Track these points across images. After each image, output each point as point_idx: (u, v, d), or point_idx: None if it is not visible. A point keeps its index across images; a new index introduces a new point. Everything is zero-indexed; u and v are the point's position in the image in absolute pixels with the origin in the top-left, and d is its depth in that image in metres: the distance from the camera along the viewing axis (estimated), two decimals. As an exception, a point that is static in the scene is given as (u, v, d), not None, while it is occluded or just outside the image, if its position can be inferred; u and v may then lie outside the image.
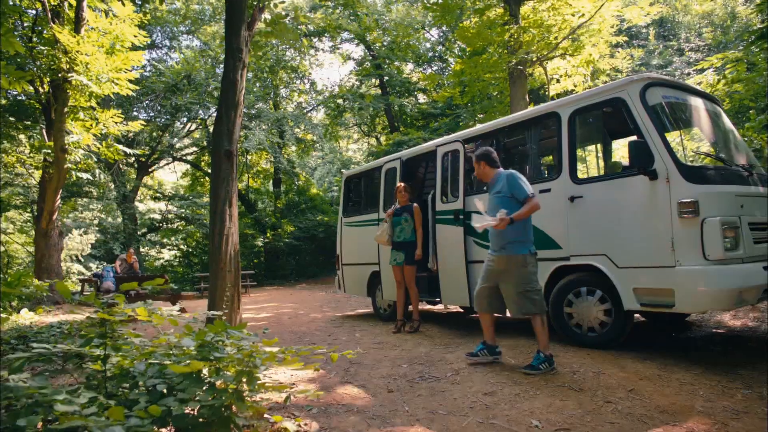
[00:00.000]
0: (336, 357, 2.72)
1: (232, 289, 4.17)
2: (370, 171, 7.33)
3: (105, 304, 2.39)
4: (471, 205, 5.28)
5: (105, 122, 11.99)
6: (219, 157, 4.31)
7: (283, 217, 23.59)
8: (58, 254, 12.68)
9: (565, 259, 4.39)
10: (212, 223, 4.24)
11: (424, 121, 21.29)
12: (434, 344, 4.88)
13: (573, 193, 4.32)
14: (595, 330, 4.22)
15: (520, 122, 5.08)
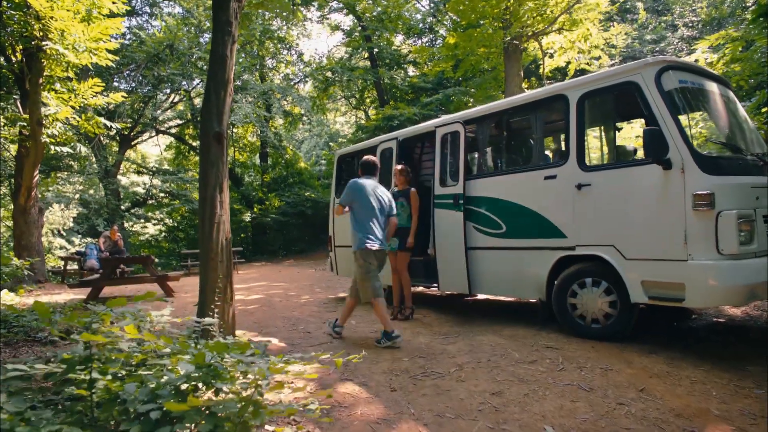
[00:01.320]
0: (340, 363, 2.55)
1: (224, 280, 3.96)
2: (364, 150, 7.07)
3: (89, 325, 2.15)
4: (473, 189, 5.11)
5: (84, 94, 11.43)
6: (208, 139, 4.03)
7: (270, 191, 23.21)
8: (38, 231, 12.28)
9: (570, 248, 4.26)
10: (202, 211, 4.00)
11: (414, 95, 20.86)
12: (433, 333, 4.77)
13: (580, 180, 4.16)
14: (600, 322, 4.13)
15: (525, 104, 4.86)
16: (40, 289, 11.29)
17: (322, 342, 4.54)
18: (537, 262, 4.54)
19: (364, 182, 4.53)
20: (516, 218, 4.72)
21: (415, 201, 5.45)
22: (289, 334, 4.89)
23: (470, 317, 5.42)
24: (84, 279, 7.89)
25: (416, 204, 5.45)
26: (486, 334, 4.59)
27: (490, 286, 5.04)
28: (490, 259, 4.97)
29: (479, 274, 5.09)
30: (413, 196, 5.47)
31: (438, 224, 5.47)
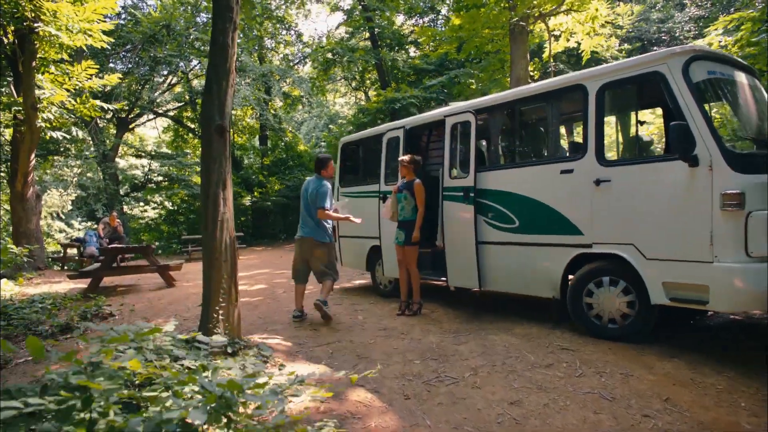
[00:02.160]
0: (355, 379, 2.42)
1: (228, 280, 3.82)
2: (369, 138, 6.87)
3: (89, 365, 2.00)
4: (484, 182, 4.93)
5: (78, 76, 11.13)
6: (209, 133, 3.84)
7: (270, 174, 22.98)
8: (36, 218, 12.12)
9: (587, 246, 4.11)
10: (204, 208, 3.83)
11: (415, 77, 20.46)
12: (443, 331, 4.65)
13: (599, 176, 3.98)
14: (617, 322, 4.00)
15: (540, 94, 4.64)
16: (39, 276, 11.18)
17: (330, 341, 4.42)
18: (551, 259, 4.39)
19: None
20: (529, 213, 4.56)
21: (419, 193, 5.23)
22: (295, 332, 4.77)
23: (480, 312, 5.30)
24: (83, 270, 7.75)
25: (421, 196, 5.22)
26: (498, 332, 4.47)
27: (501, 282, 4.91)
28: (502, 254, 4.82)
29: (490, 269, 4.95)
30: (417, 188, 5.23)
31: (447, 217, 5.30)
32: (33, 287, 9.08)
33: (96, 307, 6.72)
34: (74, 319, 6.39)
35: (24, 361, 5.40)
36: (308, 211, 5.30)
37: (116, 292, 8.41)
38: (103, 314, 6.64)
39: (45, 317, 6.50)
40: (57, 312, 7.04)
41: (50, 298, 7.51)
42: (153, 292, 7.96)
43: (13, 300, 7.68)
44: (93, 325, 2.57)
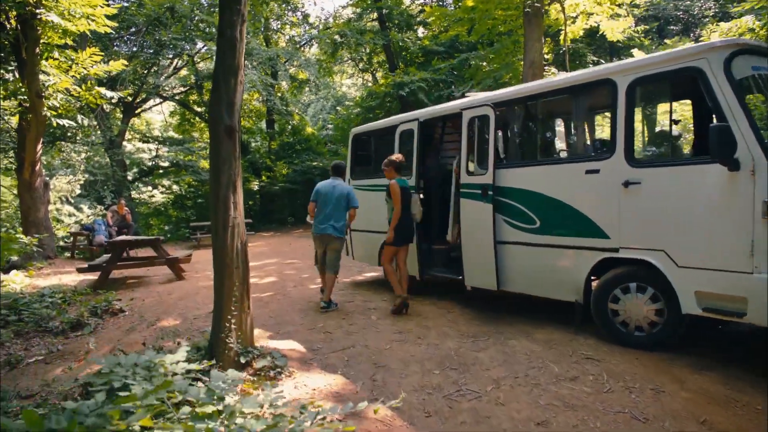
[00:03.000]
0: (378, 410, 2.28)
1: (240, 287, 3.68)
2: (381, 130, 6.65)
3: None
4: (503, 179, 4.72)
5: (83, 63, 10.92)
6: (218, 133, 3.65)
7: (278, 159, 22.79)
8: (45, 207, 12.06)
9: (613, 250, 3.92)
10: (214, 213, 3.67)
11: (424, 58, 20.01)
12: (461, 335, 4.51)
13: (628, 177, 3.77)
14: (644, 330, 3.84)
15: (565, 88, 4.40)
16: (50, 266, 11.18)
17: (344, 346, 4.29)
18: (574, 262, 4.22)
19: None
20: (552, 213, 4.37)
21: (395, 194, 5.19)
22: (308, 335, 4.65)
23: (497, 313, 5.15)
24: (92, 263, 7.68)
25: (396, 197, 5.18)
26: (518, 337, 4.33)
27: (521, 283, 4.74)
28: (522, 255, 4.65)
29: (509, 270, 4.79)
30: (392, 189, 5.21)
31: (464, 215, 5.12)
32: (43, 278, 9.06)
33: (106, 302, 6.65)
34: (84, 315, 6.34)
35: (35, 360, 5.36)
36: (337, 209, 5.53)
37: (126, 284, 8.36)
38: (113, 310, 6.58)
39: (55, 313, 6.46)
40: (67, 307, 7.00)
41: (60, 292, 7.48)
42: (162, 286, 7.89)
43: (23, 293, 7.65)
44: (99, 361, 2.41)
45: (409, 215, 5.36)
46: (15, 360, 5.34)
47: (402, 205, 5.19)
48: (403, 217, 5.24)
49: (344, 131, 24.16)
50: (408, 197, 5.30)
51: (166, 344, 4.48)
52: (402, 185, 5.26)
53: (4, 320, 6.58)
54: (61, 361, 5.18)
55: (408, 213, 5.32)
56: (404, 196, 5.22)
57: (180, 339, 4.83)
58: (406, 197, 5.27)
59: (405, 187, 5.29)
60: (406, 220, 5.30)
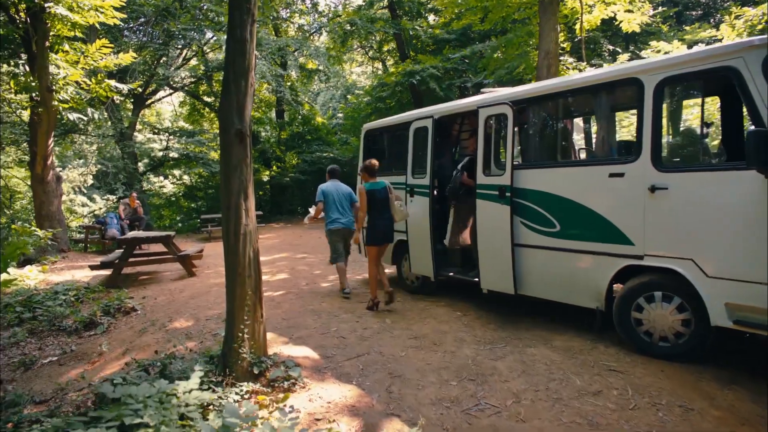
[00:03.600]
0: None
1: (253, 296, 3.60)
2: (394, 126, 6.50)
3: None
4: (522, 181, 4.57)
5: (93, 55, 10.86)
6: (229, 138, 3.55)
7: (287, 149, 22.71)
8: (57, 200, 12.12)
9: (638, 257, 3.77)
10: (225, 221, 3.58)
11: (435, 46, 19.67)
12: (477, 341, 4.41)
13: (655, 181, 3.61)
14: (669, 340, 3.70)
15: (587, 86, 4.22)
16: (63, 259, 11.26)
17: (359, 353, 4.21)
18: (596, 268, 4.08)
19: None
20: (572, 217, 4.22)
21: (360, 198, 5.54)
22: (322, 340, 4.57)
23: (514, 316, 5.04)
24: (104, 261, 7.68)
25: (362, 201, 5.50)
26: (536, 344, 4.22)
27: (539, 288, 4.61)
28: (540, 259, 4.52)
29: (526, 274, 4.66)
30: (358, 193, 5.65)
31: (480, 217, 4.97)
32: (57, 274, 9.10)
33: (118, 301, 6.65)
34: (97, 314, 6.34)
35: (49, 361, 5.37)
36: (345, 206, 6.38)
37: (137, 281, 8.37)
38: (126, 308, 6.57)
39: (69, 312, 6.47)
40: (80, 305, 7.02)
41: (73, 289, 7.50)
42: (174, 283, 7.88)
43: (37, 290, 7.69)
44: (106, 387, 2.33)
45: (383, 217, 5.52)
46: (30, 361, 5.36)
47: (370, 207, 5.46)
48: (374, 219, 5.48)
49: (355, 121, 23.97)
50: (378, 201, 5.46)
51: (178, 349, 4.43)
52: (373, 188, 5.45)
53: (19, 318, 6.62)
54: (74, 363, 5.19)
55: (382, 215, 5.51)
56: (373, 200, 5.43)
57: (192, 344, 4.79)
58: (374, 201, 5.44)
59: (375, 190, 5.45)
60: (379, 221, 5.49)
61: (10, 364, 5.43)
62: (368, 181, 5.55)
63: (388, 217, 5.53)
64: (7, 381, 5.02)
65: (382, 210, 5.50)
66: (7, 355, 5.68)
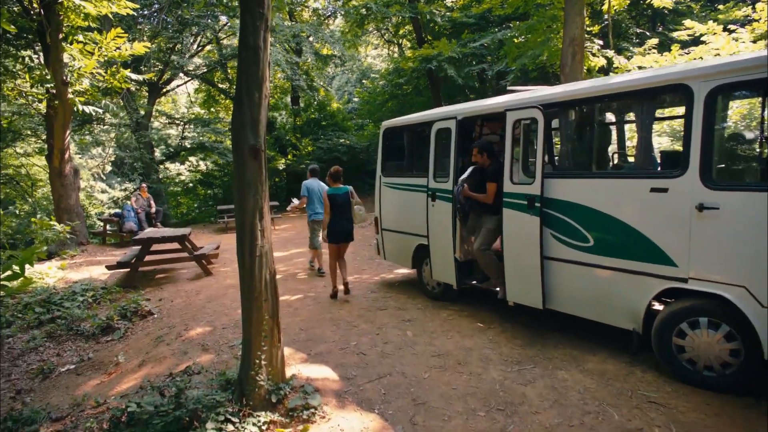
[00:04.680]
0: None
1: (270, 320, 3.44)
2: (415, 126, 6.22)
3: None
4: (552, 190, 4.29)
5: (107, 46, 10.71)
6: (242, 155, 3.33)
7: (303, 135, 22.50)
8: (75, 194, 12.14)
9: (681, 280, 3.50)
10: (240, 241, 3.40)
11: (453, 30, 19.06)
12: (504, 360, 4.19)
13: (704, 200, 3.31)
14: (714, 370, 3.44)
15: (627, 91, 3.89)
16: (82, 252, 11.31)
17: (381, 374, 4.03)
18: (633, 289, 3.81)
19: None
20: (608, 232, 3.94)
21: (324, 201, 6.17)
22: (342, 357, 4.41)
23: (541, 330, 4.80)
24: (120, 261, 7.62)
25: (325, 204, 6.12)
26: (568, 366, 3.99)
27: (569, 304, 4.36)
28: (572, 274, 4.26)
29: (556, 288, 4.41)
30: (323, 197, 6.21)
31: (507, 227, 4.71)
32: (75, 270, 9.12)
33: (135, 304, 6.58)
34: (114, 318, 6.29)
35: (67, 370, 5.33)
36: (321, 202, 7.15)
37: (154, 280, 8.32)
38: (142, 312, 6.51)
39: (86, 315, 6.43)
40: (97, 307, 6.99)
41: (91, 289, 7.47)
42: (190, 283, 7.80)
43: (56, 289, 7.69)
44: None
45: (343, 219, 6.11)
46: (48, 369, 5.32)
47: (331, 209, 6.05)
48: (335, 220, 6.06)
49: (371, 105, 23.60)
50: (338, 204, 6.06)
51: (196, 361, 4.31)
52: (335, 193, 6.09)
53: (38, 319, 6.62)
54: (91, 373, 5.13)
55: (342, 216, 6.10)
56: (334, 203, 6.05)
57: (208, 357, 4.67)
58: (335, 204, 6.05)
59: (336, 194, 6.08)
60: (338, 222, 6.08)
61: (29, 371, 5.42)
62: (332, 186, 6.16)
63: (348, 218, 6.14)
64: (25, 391, 5.00)
65: (343, 212, 6.10)
66: (25, 361, 5.67)
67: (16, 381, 5.24)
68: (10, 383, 5.21)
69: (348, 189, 6.23)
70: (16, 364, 5.60)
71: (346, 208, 6.14)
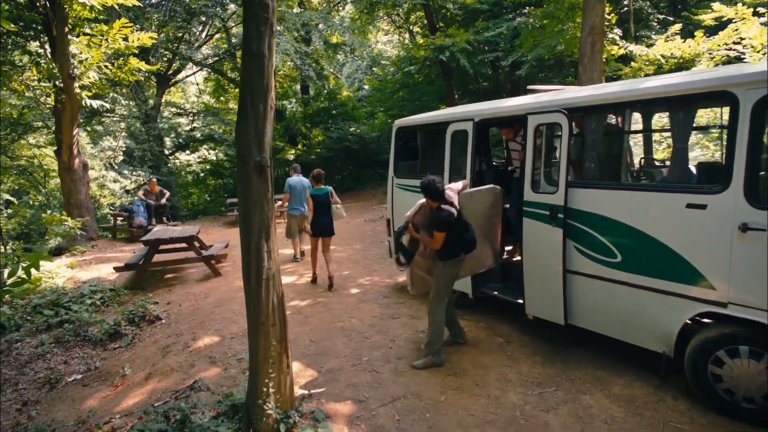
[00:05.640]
0: None
1: (278, 346, 3.25)
2: (430, 126, 5.95)
3: None
4: (576, 201, 4.02)
5: (113, 37, 10.50)
6: (247, 172, 3.12)
7: (313, 125, 22.23)
8: (85, 188, 12.08)
9: (720, 304, 3.23)
10: (245, 264, 3.20)
11: (465, 16, 18.52)
12: (524, 380, 3.98)
13: (748, 219, 3.03)
14: (755, 402, 3.19)
15: (662, 97, 3.58)
16: (92, 248, 11.27)
17: (395, 396, 3.84)
18: (665, 310, 3.55)
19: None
20: (638, 248, 3.68)
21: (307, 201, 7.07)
22: (354, 375, 4.22)
23: (562, 346, 4.57)
24: (128, 263, 7.51)
25: (308, 203, 6.93)
26: (592, 390, 3.77)
27: (593, 321, 4.12)
28: (597, 290, 4.01)
29: (579, 304, 4.17)
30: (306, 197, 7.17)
31: (527, 237, 4.46)
32: (84, 269, 9.05)
33: (143, 308, 6.46)
34: (122, 324, 6.18)
35: (73, 380, 5.23)
36: (303, 197, 7.80)
37: (163, 280, 8.21)
38: (150, 317, 6.39)
39: (94, 321, 6.32)
40: (105, 311, 6.90)
41: (99, 291, 7.38)
42: (199, 285, 7.67)
43: (65, 290, 7.62)
44: None
45: (323, 216, 6.81)
46: (55, 378, 5.23)
47: (314, 207, 6.77)
48: (316, 217, 6.79)
49: (381, 93, 23.18)
50: (319, 203, 6.77)
51: (203, 376, 4.16)
52: (317, 193, 6.80)
53: (47, 323, 6.54)
54: (98, 384, 5.02)
55: (322, 214, 6.80)
56: (315, 202, 6.77)
57: (216, 372, 4.53)
58: (316, 203, 6.76)
59: (318, 195, 6.79)
60: (319, 219, 6.78)
61: (36, 380, 5.34)
62: (314, 186, 6.91)
63: (327, 215, 6.86)
64: (32, 402, 4.91)
65: (323, 210, 6.82)
66: (33, 369, 5.59)
67: (23, 391, 5.16)
68: (17, 393, 5.13)
69: (328, 189, 6.94)
70: (23, 372, 5.52)
71: (326, 207, 6.86)
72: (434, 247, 4.12)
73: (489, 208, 4.66)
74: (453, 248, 4.15)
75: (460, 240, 4.15)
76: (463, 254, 4.23)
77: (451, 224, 3.99)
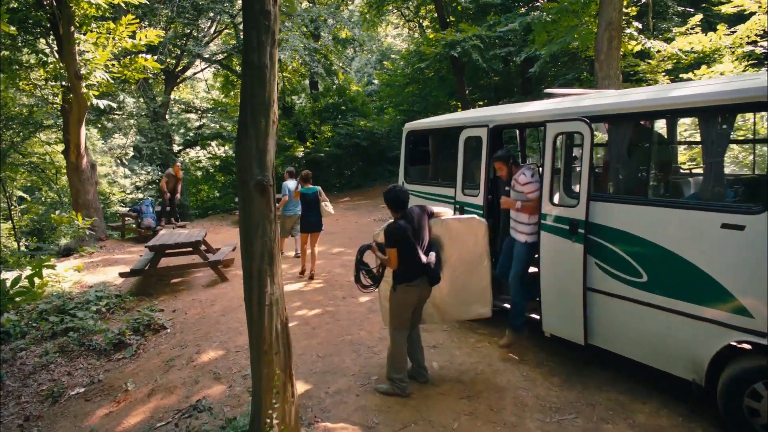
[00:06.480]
0: None
1: (282, 375, 3.08)
2: (442, 130, 5.73)
3: None
4: (599, 215, 3.79)
5: (120, 35, 10.37)
6: (248, 193, 2.92)
7: (322, 122, 22.00)
8: (93, 188, 12.02)
9: (758, 334, 2.99)
10: (248, 289, 3.02)
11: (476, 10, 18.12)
12: (541, 405, 3.77)
13: (792, 244, 2.78)
14: (795, 439, 2.96)
15: (692, 108, 3.32)
16: (101, 249, 11.21)
17: (405, 423, 3.65)
18: (696, 336, 3.32)
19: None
20: (666, 269, 3.44)
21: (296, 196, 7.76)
22: (363, 398, 4.03)
23: (581, 365, 4.35)
24: (134, 269, 7.39)
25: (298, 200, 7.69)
26: (614, 419, 3.55)
27: (616, 342, 3.90)
28: (620, 311, 3.78)
29: (600, 324, 3.94)
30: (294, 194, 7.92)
31: (545, 252, 4.23)
32: (91, 272, 8.96)
33: (148, 316, 6.34)
34: (126, 333, 6.06)
35: (76, 393, 5.12)
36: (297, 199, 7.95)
37: (169, 285, 8.09)
38: (155, 326, 6.27)
39: (99, 330, 6.21)
40: (110, 318, 6.80)
41: (105, 297, 7.27)
42: (205, 291, 7.53)
43: (71, 295, 7.53)
44: None
45: (312, 213, 7.34)
46: (58, 391, 5.12)
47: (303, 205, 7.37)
48: (305, 214, 7.37)
49: (391, 88, 22.86)
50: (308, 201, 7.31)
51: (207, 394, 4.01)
52: (306, 192, 7.33)
53: (52, 330, 6.45)
54: (100, 399, 4.91)
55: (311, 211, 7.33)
56: (304, 201, 7.33)
57: (220, 389, 4.38)
58: (305, 201, 7.32)
59: (307, 194, 7.32)
60: (308, 216, 7.34)
61: (39, 392, 5.24)
62: (303, 186, 7.40)
63: (316, 213, 7.38)
64: (34, 417, 4.81)
65: (312, 208, 7.34)
66: (36, 381, 5.50)
67: (25, 404, 5.07)
68: (19, 407, 5.04)
69: (317, 189, 7.43)
70: (26, 384, 5.43)
71: (315, 205, 7.36)
72: (389, 266, 3.83)
73: (472, 244, 4.09)
74: (407, 270, 3.78)
75: (416, 261, 3.75)
76: (423, 280, 3.81)
77: (396, 239, 3.67)
